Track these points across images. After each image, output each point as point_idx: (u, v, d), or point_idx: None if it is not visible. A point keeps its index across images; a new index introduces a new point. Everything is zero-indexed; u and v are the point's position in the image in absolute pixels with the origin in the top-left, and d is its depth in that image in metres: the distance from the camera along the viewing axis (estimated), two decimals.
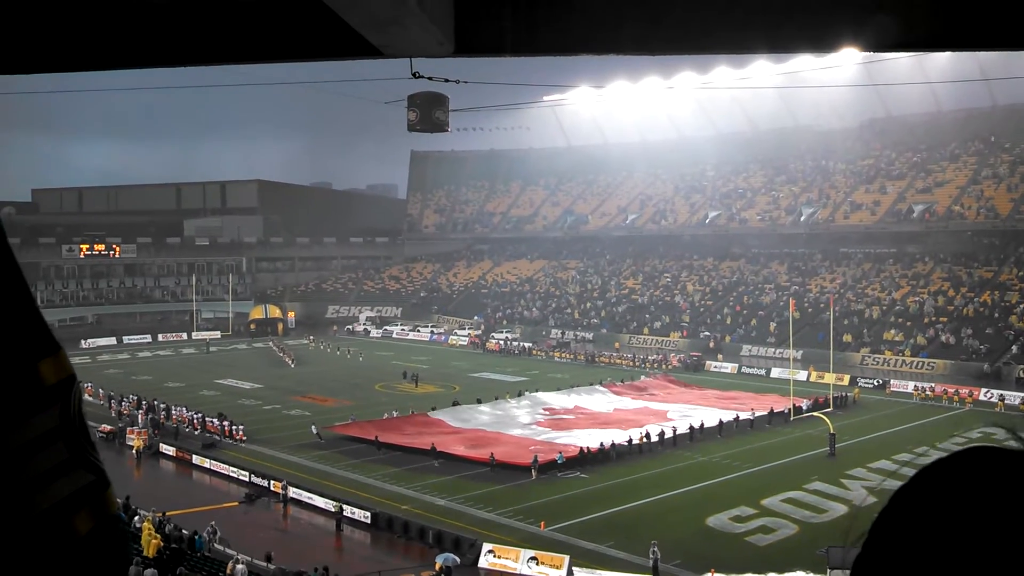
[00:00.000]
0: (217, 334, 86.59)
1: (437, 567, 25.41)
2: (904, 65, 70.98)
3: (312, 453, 39.88)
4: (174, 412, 46.43)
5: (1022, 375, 54.50)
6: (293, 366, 67.91)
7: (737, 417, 44.34)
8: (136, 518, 27.45)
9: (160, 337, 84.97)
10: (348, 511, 31.24)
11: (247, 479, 36.01)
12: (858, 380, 56.12)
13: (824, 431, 39.26)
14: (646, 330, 76.65)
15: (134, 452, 40.88)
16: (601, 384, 53.84)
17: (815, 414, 43.74)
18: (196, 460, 39.33)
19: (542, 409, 47.56)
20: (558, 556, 26.53)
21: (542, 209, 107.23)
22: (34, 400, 0.97)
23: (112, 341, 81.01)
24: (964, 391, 50.58)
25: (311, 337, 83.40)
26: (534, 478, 34.96)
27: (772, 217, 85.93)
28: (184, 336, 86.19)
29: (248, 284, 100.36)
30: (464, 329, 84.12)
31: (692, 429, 41.53)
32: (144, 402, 47.74)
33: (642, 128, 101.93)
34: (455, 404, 47.59)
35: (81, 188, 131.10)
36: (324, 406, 50.74)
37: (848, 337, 64.59)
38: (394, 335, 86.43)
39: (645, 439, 39.98)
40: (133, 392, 51.21)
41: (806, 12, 3.69)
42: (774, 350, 66.23)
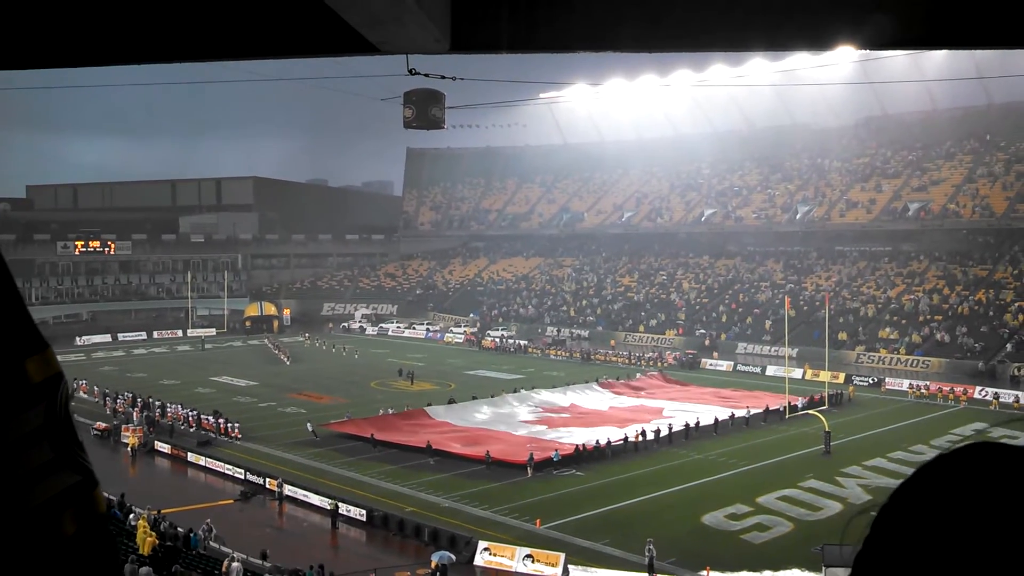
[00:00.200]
0: (212, 331, 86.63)
1: (433, 565, 25.37)
2: (900, 63, 71.09)
3: (308, 450, 39.85)
4: (169, 409, 46.36)
5: (1016, 373, 54.66)
6: (288, 363, 67.81)
7: (732, 415, 44.37)
8: (131, 516, 27.39)
9: (155, 334, 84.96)
10: (344, 509, 31.27)
11: (242, 477, 35.97)
12: (853, 378, 56.25)
13: (819, 429, 39.37)
14: (642, 328, 76.72)
15: (129, 449, 40.81)
16: (597, 382, 53.82)
17: (810, 412, 43.89)
18: (191, 458, 39.25)
19: (538, 407, 47.58)
20: (554, 554, 26.54)
21: (538, 207, 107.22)
22: (19, 398, 0.95)
23: (107, 338, 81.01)
24: (959, 389, 50.74)
25: (307, 334, 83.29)
26: (530, 476, 34.98)
27: (768, 215, 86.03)
28: (179, 333, 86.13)
29: (244, 281, 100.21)
30: (460, 327, 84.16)
31: (688, 427, 41.57)
32: (139, 399, 47.59)
33: (638, 126, 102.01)
34: (451, 402, 47.60)
35: (76, 184, 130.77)
36: (320, 403, 50.71)
37: (843, 335, 64.70)
38: (390, 332, 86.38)
39: (641, 437, 39.99)
40: (128, 389, 51.03)
41: (806, 11, 3.69)
42: (770, 348, 66.37)
